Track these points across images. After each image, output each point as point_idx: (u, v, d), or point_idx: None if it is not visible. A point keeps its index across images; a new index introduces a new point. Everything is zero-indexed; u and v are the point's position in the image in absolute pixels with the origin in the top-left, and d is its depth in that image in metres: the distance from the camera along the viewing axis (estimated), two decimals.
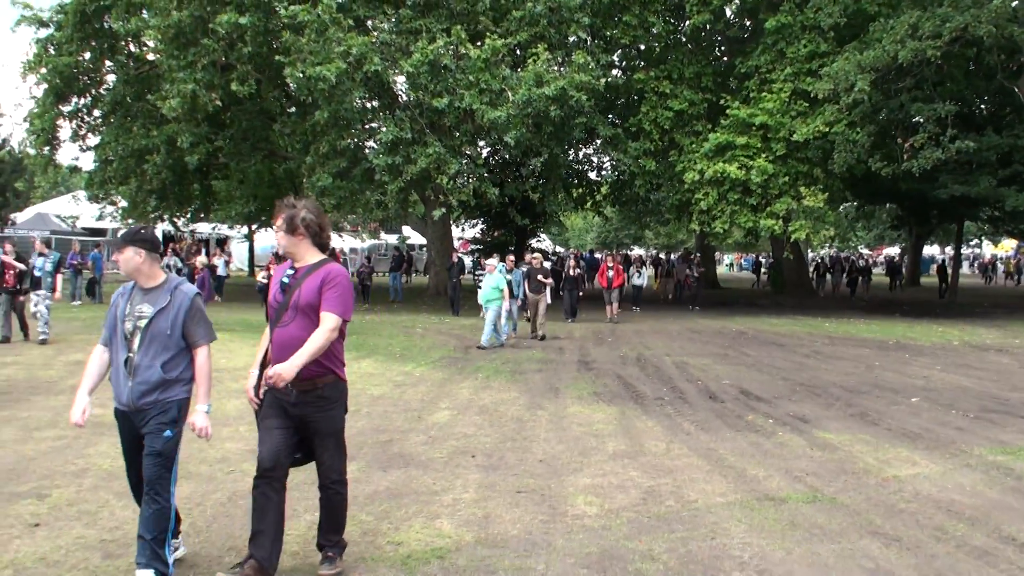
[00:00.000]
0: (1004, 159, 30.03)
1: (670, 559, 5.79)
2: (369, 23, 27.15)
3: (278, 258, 20.02)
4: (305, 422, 5.24)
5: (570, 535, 6.23)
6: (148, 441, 5.09)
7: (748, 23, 34.44)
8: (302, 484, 6.95)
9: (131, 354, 5.12)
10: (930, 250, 67.63)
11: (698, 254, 41.91)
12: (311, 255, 5.33)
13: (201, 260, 21.04)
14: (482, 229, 41.96)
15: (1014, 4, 24.25)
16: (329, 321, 5.12)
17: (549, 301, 21.56)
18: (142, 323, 5.13)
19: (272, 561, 5.17)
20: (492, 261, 19.77)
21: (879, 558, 5.88)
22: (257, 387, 5.33)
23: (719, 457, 8.68)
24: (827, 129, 26.19)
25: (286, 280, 5.31)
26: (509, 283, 19.71)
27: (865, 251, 74.79)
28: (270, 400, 5.25)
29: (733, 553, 5.92)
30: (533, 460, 8.43)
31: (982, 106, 36.08)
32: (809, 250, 55.95)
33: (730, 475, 7.98)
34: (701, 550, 5.97)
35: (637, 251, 65.08)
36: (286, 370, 4.93)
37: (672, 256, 51.11)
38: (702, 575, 5.53)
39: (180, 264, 22.56)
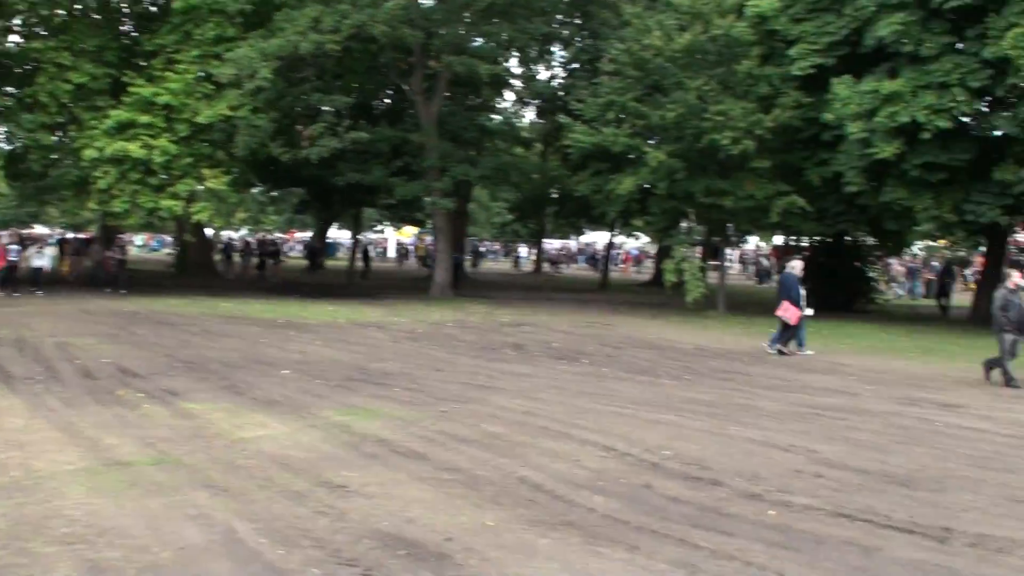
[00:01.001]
0: (397, 151, 33.03)
1: (1, 523, 6.01)
2: None
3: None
4: None
5: None
6: None
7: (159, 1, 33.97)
8: None
9: None
10: (338, 233, 71.12)
11: (123, 236, 40.48)
12: None
13: None
14: None
15: (404, 6, 26.75)
16: None
17: None
18: None
19: None
20: None
21: (204, 506, 6.63)
22: None
23: (78, 430, 8.93)
24: (231, 113, 26.81)
25: None
26: None
27: (280, 235, 76.95)
28: None
29: (66, 512, 6.32)
30: None
31: (386, 100, 39.29)
32: (229, 232, 56.28)
33: (84, 445, 8.30)
34: (34, 513, 6.29)
35: (40, 229, 60.95)
36: None
37: (79, 235, 48.74)
38: (31, 534, 5.85)
39: None
